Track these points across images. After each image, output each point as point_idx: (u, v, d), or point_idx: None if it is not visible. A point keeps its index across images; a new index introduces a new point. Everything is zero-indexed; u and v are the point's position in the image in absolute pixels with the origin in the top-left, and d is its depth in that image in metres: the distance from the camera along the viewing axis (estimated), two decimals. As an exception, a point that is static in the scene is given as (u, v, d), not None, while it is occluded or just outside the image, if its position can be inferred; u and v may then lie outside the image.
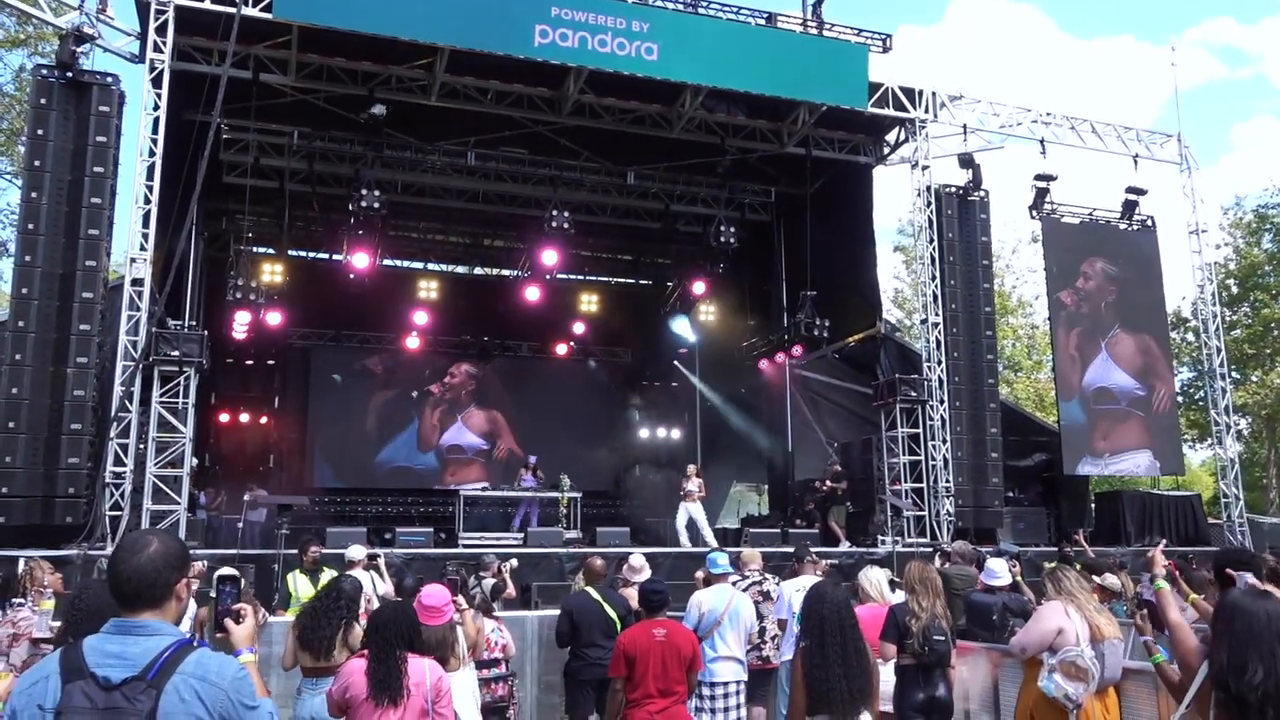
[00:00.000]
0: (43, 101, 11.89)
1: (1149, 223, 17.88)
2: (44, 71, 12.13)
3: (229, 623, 2.68)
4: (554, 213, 17.68)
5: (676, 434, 24.14)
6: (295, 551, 11.35)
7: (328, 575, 7.93)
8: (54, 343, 11.62)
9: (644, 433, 24.36)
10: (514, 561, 10.32)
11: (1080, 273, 17.11)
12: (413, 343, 21.16)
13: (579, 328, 22.54)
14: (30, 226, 11.74)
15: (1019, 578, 8.27)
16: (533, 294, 20.10)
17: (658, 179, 18.82)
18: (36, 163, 11.81)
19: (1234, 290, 31.01)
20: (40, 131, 11.82)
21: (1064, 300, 17.03)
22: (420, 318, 20.51)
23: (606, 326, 22.90)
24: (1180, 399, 19.63)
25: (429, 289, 20.54)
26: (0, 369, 11.43)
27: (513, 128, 16.48)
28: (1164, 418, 17.43)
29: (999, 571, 6.65)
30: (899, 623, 5.68)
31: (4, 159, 22.03)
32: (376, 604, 7.70)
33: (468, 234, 21.57)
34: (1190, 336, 30.41)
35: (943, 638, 5.59)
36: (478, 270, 23.11)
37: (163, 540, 2.40)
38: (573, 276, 22.66)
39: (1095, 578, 7.47)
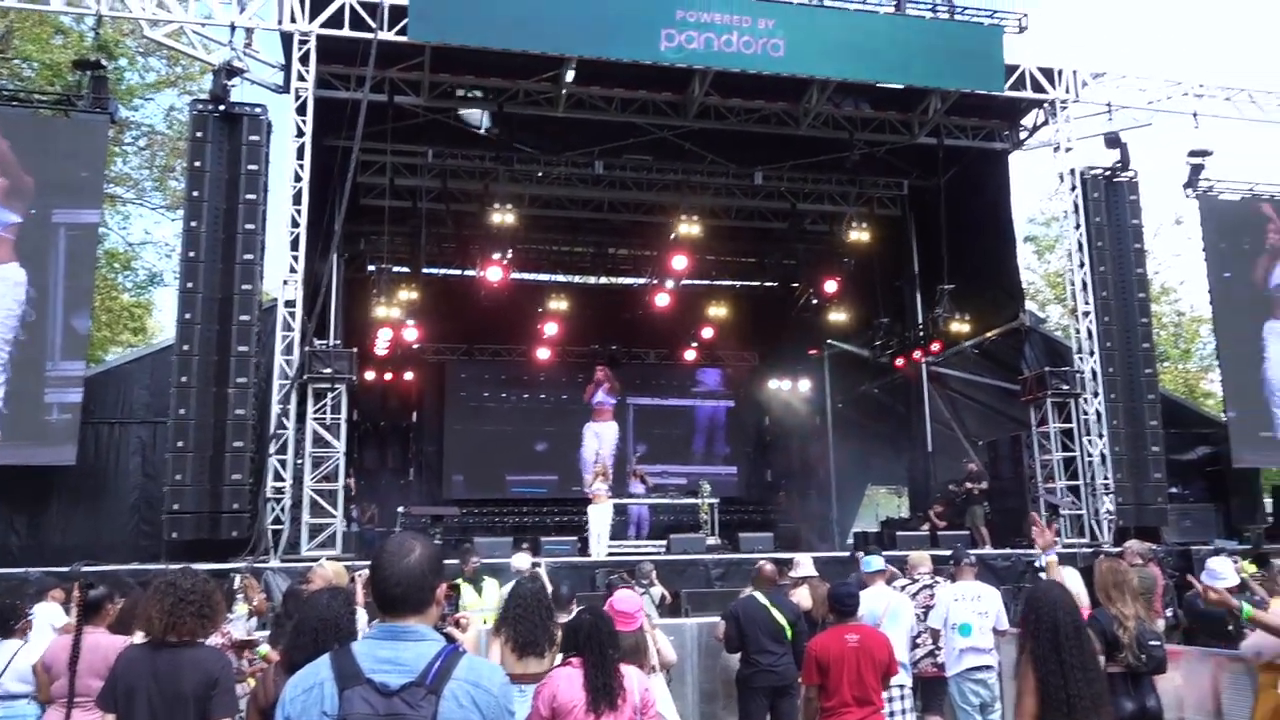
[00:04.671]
0: (199, 134, 12.47)
1: (1318, 194, 16.70)
2: (199, 106, 12.73)
3: (455, 631, 2.63)
4: (681, 218, 17.63)
5: (808, 436, 23.71)
6: (447, 562, 11.63)
7: (488, 584, 8.00)
8: (215, 364, 12.11)
9: (774, 436, 24.04)
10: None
11: (1254, 250, 16.08)
12: (543, 354, 21.40)
13: (706, 332, 22.39)
14: (191, 254, 12.30)
15: (1247, 578, 7.62)
16: (660, 300, 20.12)
17: (784, 178, 18.55)
18: (195, 193, 12.39)
19: None
20: (198, 163, 12.40)
21: (1232, 280, 16.01)
22: (550, 328, 20.73)
23: (734, 330, 22.69)
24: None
25: (558, 300, 20.74)
26: (169, 391, 11.99)
27: (638, 135, 16.51)
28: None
29: (1224, 572, 6.09)
30: (1105, 630, 5.28)
31: (158, 194, 23.30)
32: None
33: (594, 244, 21.69)
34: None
35: (1158, 643, 5.17)
36: (604, 279, 23.21)
37: (424, 545, 2.36)
38: (699, 282, 22.52)
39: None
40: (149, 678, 3.49)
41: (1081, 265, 15.14)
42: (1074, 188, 15.31)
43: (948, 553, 11.20)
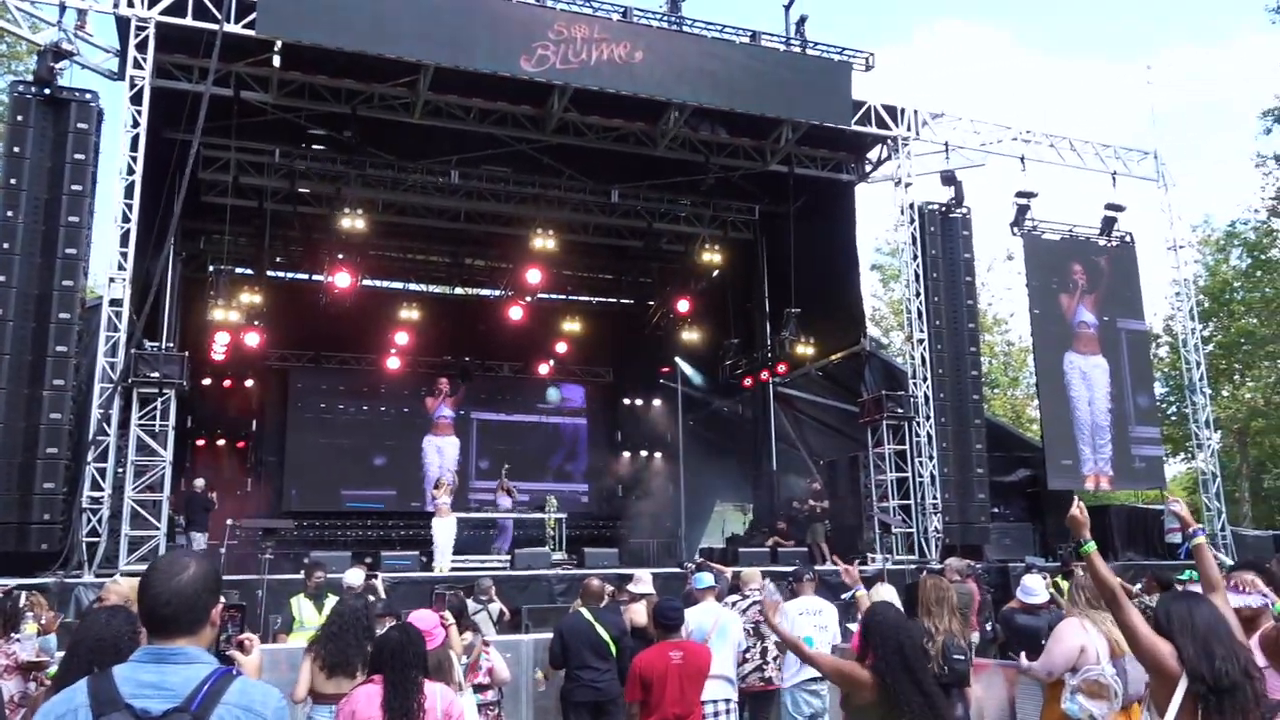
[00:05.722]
0: (19, 118, 11.65)
1: (1127, 239, 18.04)
2: (21, 88, 11.91)
3: (237, 654, 2.52)
4: (537, 232, 17.61)
5: (659, 453, 24.00)
6: (280, 577, 11.18)
7: (331, 600, 7.73)
8: (29, 365, 11.34)
9: (626, 453, 24.22)
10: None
11: (1060, 288, 17.23)
12: (393, 363, 20.92)
13: (561, 347, 22.40)
14: (5, 246, 11.45)
15: (1054, 593, 8.08)
16: (515, 314, 20.01)
17: (641, 198, 18.78)
18: (12, 180, 11.56)
19: (1205, 305, 31.37)
20: (16, 149, 11.58)
21: (1044, 315, 17.11)
22: (401, 338, 20.30)
23: (588, 346, 22.76)
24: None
25: (410, 309, 20.33)
26: (-26, 392, 11.13)
27: (496, 146, 16.39)
28: (1139, 431, 17.47)
29: (1036, 589, 6.43)
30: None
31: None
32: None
33: (449, 253, 21.41)
34: (1163, 352, 30.76)
35: (962, 657, 5.48)
36: (459, 290, 22.91)
37: (199, 562, 2.26)
38: (554, 296, 22.50)
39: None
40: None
41: (918, 295, 15.90)
42: (912, 221, 16.08)
43: (789, 569, 11.56)
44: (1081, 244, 17.80)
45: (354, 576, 8.64)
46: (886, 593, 6.39)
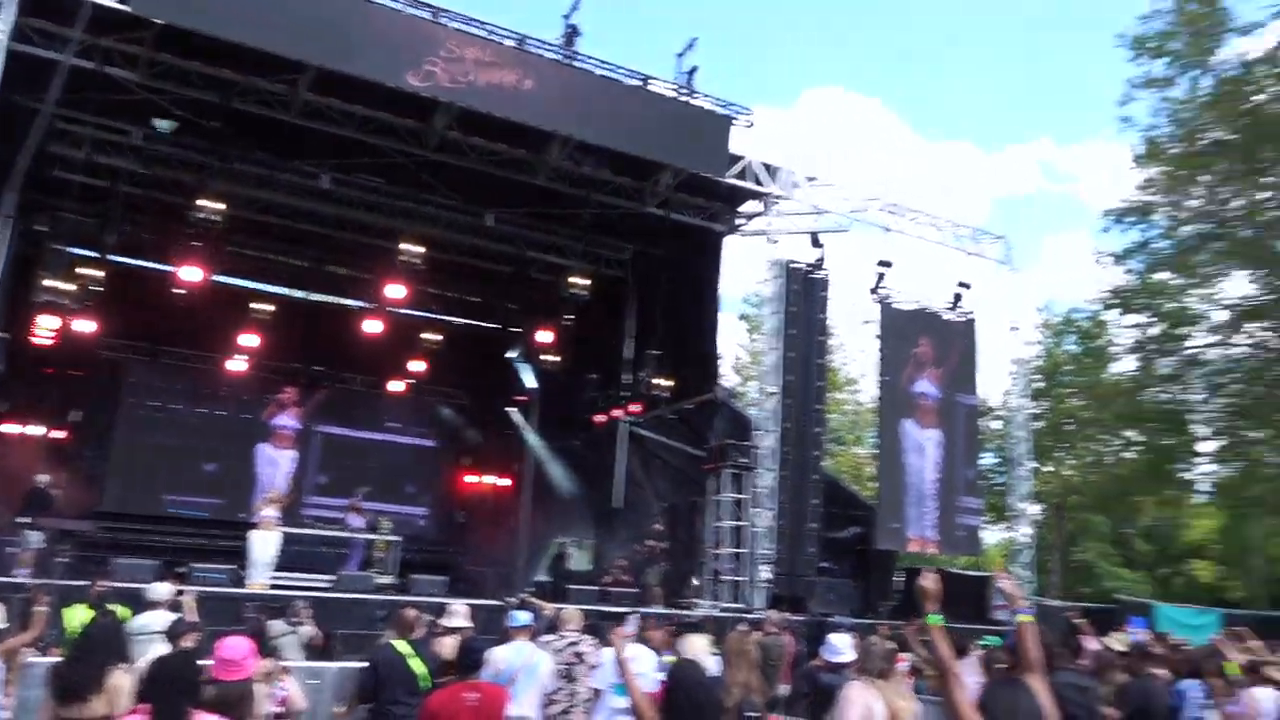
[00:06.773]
0: None
1: (971, 316, 19.03)
2: None
3: None
4: (406, 246, 17.31)
5: (506, 481, 23.78)
6: (78, 583, 10.43)
7: (119, 613, 7.26)
8: None
9: (472, 478, 23.89)
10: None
11: (908, 356, 17.99)
12: (237, 365, 20.04)
13: (417, 365, 21.95)
14: None
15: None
16: (373, 326, 19.51)
17: (516, 224, 18.72)
18: None
19: (1041, 385, 33.33)
20: None
21: (891, 382, 17.85)
22: (249, 340, 19.48)
23: (445, 366, 22.33)
24: (980, 482, 20.94)
25: (262, 310, 19.56)
26: None
27: (373, 155, 16.03)
28: (965, 501, 18.34)
29: (842, 647, 6.51)
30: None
31: None
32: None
33: (312, 258, 20.65)
34: (996, 425, 32.51)
35: (755, 715, 5.62)
36: (316, 296, 22.08)
37: None
38: (416, 312, 21.91)
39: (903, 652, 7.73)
40: None
41: (774, 349, 16.34)
42: (777, 277, 16.55)
43: (619, 610, 11.59)
44: (930, 317, 18.59)
45: (159, 592, 8.08)
46: (700, 643, 6.48)
